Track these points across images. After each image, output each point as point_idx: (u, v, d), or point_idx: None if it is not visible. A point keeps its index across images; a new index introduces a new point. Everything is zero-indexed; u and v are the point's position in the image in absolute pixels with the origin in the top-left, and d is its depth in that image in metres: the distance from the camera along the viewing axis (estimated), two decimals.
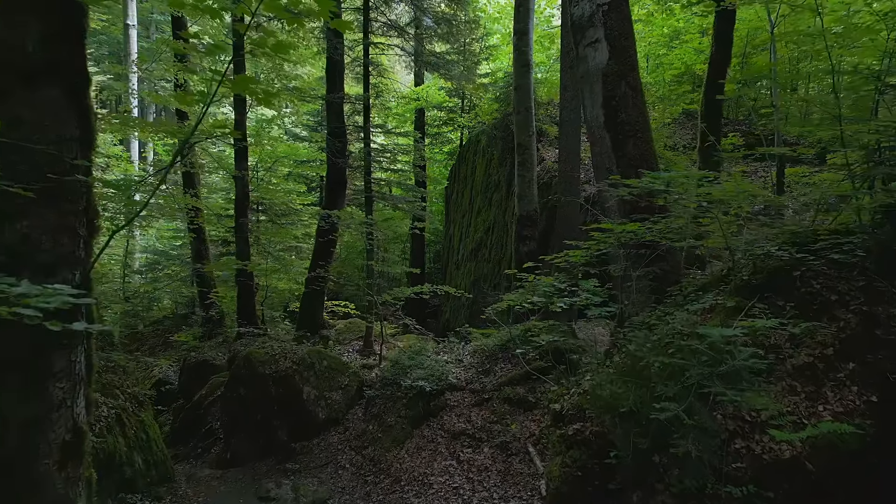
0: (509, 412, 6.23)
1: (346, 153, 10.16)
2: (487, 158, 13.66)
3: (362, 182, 10.22)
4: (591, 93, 5.57)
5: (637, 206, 5.05)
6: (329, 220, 8.91)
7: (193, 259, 11.98)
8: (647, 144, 5.45)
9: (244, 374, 6.97)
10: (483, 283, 13.13)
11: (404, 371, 6.85)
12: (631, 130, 5.39)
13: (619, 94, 5.42)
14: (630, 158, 5.37)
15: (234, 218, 10.22)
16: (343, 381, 7.23)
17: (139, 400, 6.48)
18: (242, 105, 10.09)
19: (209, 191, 15.13)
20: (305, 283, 9.76)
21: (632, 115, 5.41)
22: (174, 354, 11.31)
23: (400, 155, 10.77)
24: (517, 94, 10.36)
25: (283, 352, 7.17)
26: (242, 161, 10.14)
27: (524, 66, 10.19)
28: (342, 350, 9.80)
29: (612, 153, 5.43)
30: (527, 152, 10.23)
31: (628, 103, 5.43)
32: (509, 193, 12.09)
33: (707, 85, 7.38)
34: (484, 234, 13.43)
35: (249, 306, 10.00)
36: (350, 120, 10.54)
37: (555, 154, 11.55)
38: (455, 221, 15.82)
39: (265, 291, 11.06)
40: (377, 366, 8.30)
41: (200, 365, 9.09)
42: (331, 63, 9.93)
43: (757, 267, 3.32)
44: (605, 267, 5.11)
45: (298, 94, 9.56)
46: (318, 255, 9.80)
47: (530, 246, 10.24)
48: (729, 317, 3.17)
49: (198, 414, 8.22)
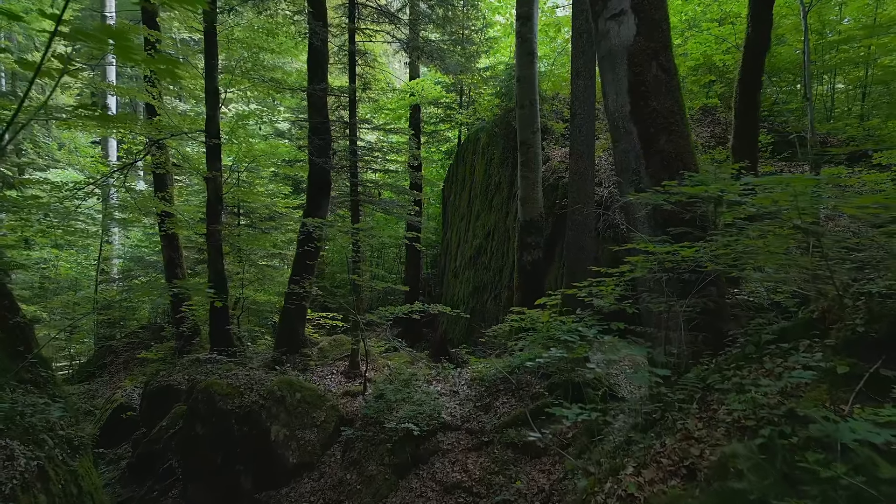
0: (513, 460, 5.22)
1: (331, 152, 9.14)
2: (487, 158, 12.63)
3: (348, 184, 9.19)
4: (615, 77, 4.54)
5: (675, 217, 4.03)
6: (308, 229, 7.88)
7: (165, 267, 10.96)
8: (684, 139, 4.43)
9: (202, 410, 5.95)
10: (483, 292, 12.11)
11: (389, 407, 5.82)
12: (664, 122, 4.37)
13: (650, 77, 4.40)
14: (663, 157, 4.35)
15: (206, 224, 9.19)
16: (319, 417, 6.20)
17: (73, 445, 5.46)
18: (215, 99, 9.05)
19: (188, 193, 14.12)
20: (284, 299, 8.73)
21: (665, 104, 4.39)
22: (143, 373, 10.29)
23: (392, 154, 9.74)
24: (520, 86, 9.33)
25: (249, 383, 6.15)
26: (214, 161, 9.10)
27: (528, 54, 9.17)
28: (325, 371, 8.77)
29: (641, 150, 4.41)
30: (531, 151, 9.21)
31: (660, 89, 4.40)
32: (511, 196, 11.07)
33: (742, 73, 6.35)
34: (484, 240, 12.41)
35: (223, 322, 8.97)
36: (335, 115, 9.51)
37: (561, 153, 10.53)
38: (453, 226, 14.79)
39: (241, 304, 10.03)
40: (362, 393, 7.29)
41: (164, 390, 8.06)
42: (312, 51, 8.90)
43: (874, 312, 2.30)
44: (634, 294, 4.07)
45: (274, 85, 8.52)
46: (298, 267, 8.77)
47: (535, 255, 9.23)
48: (840, 389, 2.15)
49: (156, 449, 7.20)
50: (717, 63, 11.13)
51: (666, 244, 3.46)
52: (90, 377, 13.62)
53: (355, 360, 8.62)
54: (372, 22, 9.84)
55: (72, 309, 14.88)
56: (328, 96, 9.22)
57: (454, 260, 14.25)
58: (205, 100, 9.20)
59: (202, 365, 7.43)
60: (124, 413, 8.70)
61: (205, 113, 9.18)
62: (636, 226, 4.51)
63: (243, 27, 8.98)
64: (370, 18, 9.76)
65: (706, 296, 3.50)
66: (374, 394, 6.63)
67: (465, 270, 13.28)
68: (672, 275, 3.56)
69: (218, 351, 8.46)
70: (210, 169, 9.08)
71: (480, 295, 12.18)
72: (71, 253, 14.77)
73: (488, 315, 11.62)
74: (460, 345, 12.54)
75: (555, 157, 10.41)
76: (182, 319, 10.08)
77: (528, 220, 9.18)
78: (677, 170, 4.38)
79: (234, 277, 10.62)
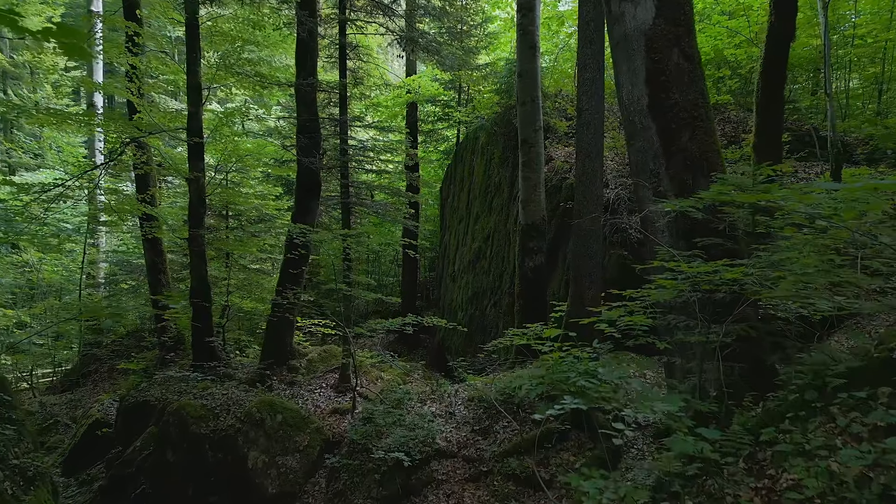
0: (515, 494, 4.69)
1: (320, 151, 8.60)
2: (487, 158, 12.10)
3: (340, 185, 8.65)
4: (630, 66, 4.01)
5: (702, 226, 3.50)
6: (297, 235, 7.34)
7: (147, 273, 10.42)
8: (709, 136, 3.90)
9: (173, 435, 5.42)
10: (482, 298, 11.57)
11: (378, 432, 5.29)
12: (687, 116, 3.84)
13: (671, 65, 3.87)
14: (686, 156, 3.82)
15: (188, 228, 8.66)
16: (301, 442, 5.67)
17: (27, 476, 4.93)
18: (197, 95, 8.51)
19: (175, 195, 13.59)
20: (270, 310, 8.21)
21: (688, 95, 3.86)
22: (124, 385, 9.74)
23: (386, 154, 9.18)
24: (522, 81, 8.80)
25: (225, 403, 5.62)
26: (197, 160, 8.56)
27: (530, 47, 8.64)
28: (314, 385, 8.24)
29: (661, 148, 3.88)
30: (532, 150, 8.68)
31: (683, 78, 3.87)
32: (512, 198, 10.53)
33: (764, 65, 5.82)
34: (483, 244, 11.87)
35: (205, 333, 8.43)
36: (326, 112, 8.97)
37: (564, 153, 9.99)
38: (451, 228, 14.24)
39: (227, 313, 9.50)
40: (351, 411, 6.76)
41: (140, 407, 7.49)
42: (300, 44, 8.36)
43: None
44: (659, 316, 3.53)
45: (259, 79, 7.98)
46: (285, 276, 8.23)
47: (537, 260, 8.71)
48: None
49: (129, 472, 6.65)
50: (728, 58, 10.60)
51: (697, 259, 2.92)
52: (74, 386, 13.10)
53: (346, 374, 8.09)
54: (365, 13, 9.30)
55: (56, 314, 14.36)
56: (318, 92, 8.69)
57: (452, 264, 13.71)
58: (186, 96, 8.67)
59: (176, 383, 6.88)
60: (100, 430, 8.16)
61: (187, 110, 8.65)
62: (654, 234, 3.98)
63: (227, 19, 8.45)
64: (363, 10, 9.22)
65: (743, 319, 2.97)
66: (362, 414, 6.10)
67: (463, 275, 12.75)
68: (703, 295, 3.02)
69: (200, 365, 7.92)
70: (192, 169, 8.54)
71: (479, 301, 11.64)
72: (55, 256, 14.23)
73: (488, 322, 11.08)
74: (458, 353, 12.02)
75: (558, 157, 9.87)
76: (164, 329, 9.54)
77: (529, 223, 8.65)
78: (702, 171, 3.85)
79: (220, 283, 10.08)
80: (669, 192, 3.85)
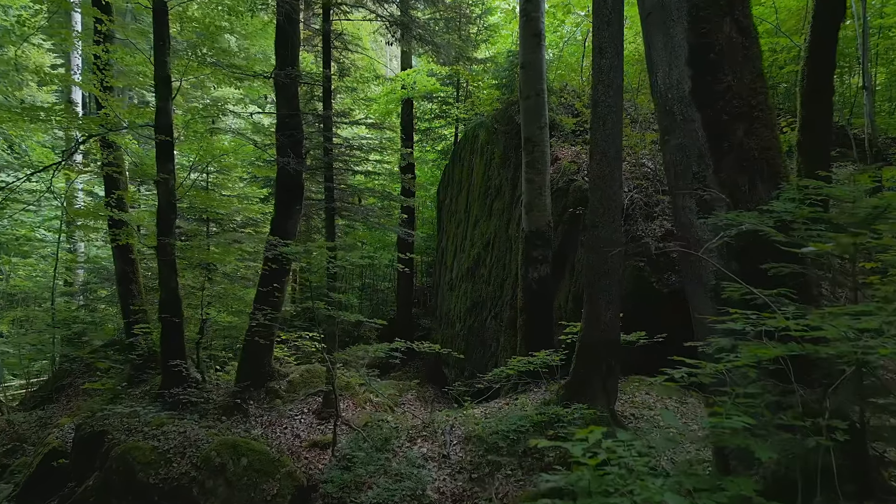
0: None
1: (303, 151, 7.77)
2: (487, 158, 11.26)
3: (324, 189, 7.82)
4: (668, 41, 3.18)
5: (764, 247, 2.67)
6: (268, 248, 6.52)
7: (118, 283, 9.60)
8: (770, 131, 3.07)
9: (117, 484, 4.60)
10: (482, 309, 10.73)
11: (359, 483, 4.46)
12: (742, 105, 3.02)
13: (721, 39, 3.05)
14: (741, 155, 2.99)
15: (157, 235, 7.82)
16: (270, 490, 4.84)
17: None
18: (166, 88, 7.67)
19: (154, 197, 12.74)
20: (246, 332, 7.40)
21: (744, 78, 3.04)
22: (83, 409, 8.92)
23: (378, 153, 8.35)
24: (525, 73, 7.99)
25: (180, 445, 4.80)
26: (166, 161, 7.71)
27: (534, 35, 7.83)
28: (295, 409, 7.42)
29: (707, 145, 3.05)
30: (537, 149, 7.88)
31: (737, 56, 3.05)
32: (514, 201, 9.70)
33: (810, 49, 4.98)
34: (482, 250, 11.03)
35: (175, 352, 7.60)
36: (308, 107, 8.13)
37: (571, 152, 9.15)
38: (448, 232, 13.40)
39: (203, 328, 8.67)
40: (332, 446, 5.92)
41: (97, 437, 6.64)
42: (280, 31, 7.53)
43: None
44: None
45: (232, 70, 7.14)
46: (262, 293, 7.39)
47: (542, 271, 7.89)
48: None
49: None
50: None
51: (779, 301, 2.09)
52: (45, 401, 12.28)
53: (330, 399, 7.26)
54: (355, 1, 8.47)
55: (31, 324, 13.56)
56: (301, 85, 7.86)
57: (450, 271, 12.88)
58: (154, 89, 7.83)
59: (126, 419, 6.02)
60: (56, 461, 7.32)
61: (154, 104, 7.82)
62: (697, 252, 3.15)
63: (200, 4, 7.64)
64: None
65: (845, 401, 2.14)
66: (343, 450, 5.28)
67: (461, 283, 11.91)
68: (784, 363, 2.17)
69: (167, 390, 7.09)
70: (161, 171, 7.70)
71: (479, 312, 10.81)
72: (28, 262, 13.41)
73: (488, 335, 10.25)
74: (456, 366, 11.19)
75: (564, 157, 9.03)
76: (132, 345, 8.72)
77: (534, 230, 7.83)
78: (761, 174, 3.02)
79: (197, 294, 9.25)
80: (719, 202, 3.03)
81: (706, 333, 3.15)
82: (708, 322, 2.82)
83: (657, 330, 5.67)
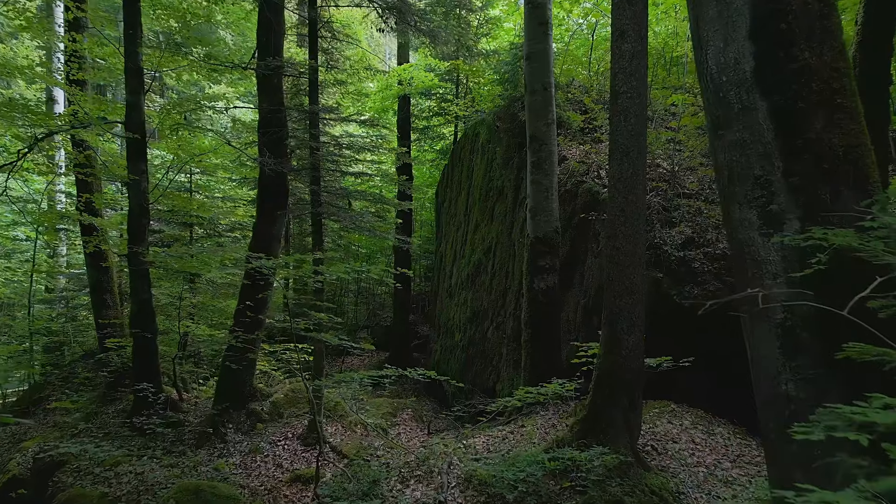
0: None
1: (287, 150, 7.10)
2: (488, 158, 10.59)
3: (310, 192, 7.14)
4: (723, 9, 2.51)
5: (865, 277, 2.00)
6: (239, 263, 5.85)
7: (91, 292, 8.94)
8: (856, 122, 2.40)
9: None
10: (483, 319, 10.05)
11: None
12: (822, 90, 2.35)
13: (795, 6, 2.38)
14: (821, 153, 2.32)
15: (127, 242, 7.15)
16: None
17: None
18: (138, 81, 7.00)
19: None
20: (225, 350, 6.73)
21: (824, 55, 2.37)
22: (60, 424, 8.25)
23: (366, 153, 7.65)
24: (530, 66, 7.32)
25: (134, 490, 4.14)
26: (138, 160, 7.05)
27: (541, 24, 7.16)
28: (278, 434, 6.75)
29: (775, 141, 2.38)
30: (544, 148, 7.21)
31: (814, 28, 2.38)
32: (517, 203, 9.03)
33: (863, 32, 4.32)
34: (483, 256, 10.36)
35: (147, 373, 6.93)
36: (294, 102, 7.46)
37: (580, 152, 8.48)
38: (447, 236, 12.73)
39: (184, 342, 8.00)
40: (315, 482, 5.25)
41: (55, 468, 6.02)
42: (262, 19, 6.87)
43: None
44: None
45: (208, 61, 6.47)
46: (242, 309, 6.70)
47: (549, 280, 7.22)
48: None
49: None
50: None
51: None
52: (22, 415, 11.61)
53: (315, 423, 6.58)
54: None
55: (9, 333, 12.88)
56: (284, 77, 7.19)
57: (449, 277, 12.20)
58: (125, 82, 7.16)
59: (76, 460, 5.34)
60: (15, 491, 6.65)
61: (125, 99, 7.15)
62: (758, 278, 2.48)
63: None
64: None
65: None
66: (326, 494, 4.60)
67: (461, 291, 11.23)
68: None
69: (136, 419, 6.42)
70: (132, 171, 7.03)
71: (480, 322, 10.13)
72: (6, 267, 12.72)
73: (489, 347, 9.57)
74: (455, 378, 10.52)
75: (572, 157, 8.35)
76: (106, 362, 8.05)
77: (540, 236, 7.17)
78: (846, 179, 2.34)
79: (177, 305, 8.57)
80: (789, 214, 2.36)
81: (768, 379, 2.49)
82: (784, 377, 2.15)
83: (674, 348, 5.10)
